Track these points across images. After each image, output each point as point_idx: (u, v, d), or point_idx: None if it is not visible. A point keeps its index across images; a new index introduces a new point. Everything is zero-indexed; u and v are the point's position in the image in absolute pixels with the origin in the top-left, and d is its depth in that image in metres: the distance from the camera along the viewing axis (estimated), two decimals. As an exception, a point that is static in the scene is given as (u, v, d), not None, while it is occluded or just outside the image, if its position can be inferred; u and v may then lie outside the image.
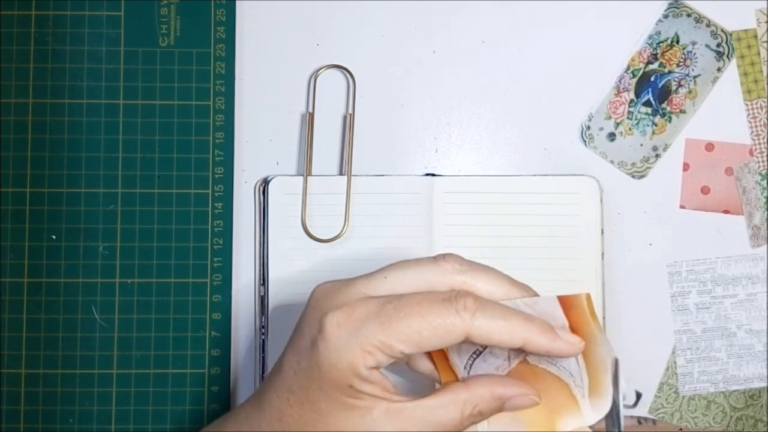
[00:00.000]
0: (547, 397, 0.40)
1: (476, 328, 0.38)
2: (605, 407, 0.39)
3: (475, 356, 0.41)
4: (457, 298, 0.39)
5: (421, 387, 0.44)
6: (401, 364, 0.43)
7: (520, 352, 0.40)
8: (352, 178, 0.52)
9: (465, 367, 0.41)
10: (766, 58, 0.53)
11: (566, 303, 0.39)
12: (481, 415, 0.40)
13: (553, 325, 0.39)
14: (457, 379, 0.41)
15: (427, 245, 0.52)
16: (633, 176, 0.53)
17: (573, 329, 0.39)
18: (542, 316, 0.39)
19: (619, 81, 0.54)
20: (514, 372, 0.41)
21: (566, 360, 0.40)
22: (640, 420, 0.50)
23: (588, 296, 0.39)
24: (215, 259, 0.52)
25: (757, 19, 0.54)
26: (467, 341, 0.39)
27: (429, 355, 0.42)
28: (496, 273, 0.41)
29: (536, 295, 0.41)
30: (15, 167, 0.52)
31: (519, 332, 0.38)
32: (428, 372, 0.43)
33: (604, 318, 0.52)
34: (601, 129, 0.53)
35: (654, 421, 0.51)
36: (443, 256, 0.41)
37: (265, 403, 0.41)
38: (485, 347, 0.41)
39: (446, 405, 0.39)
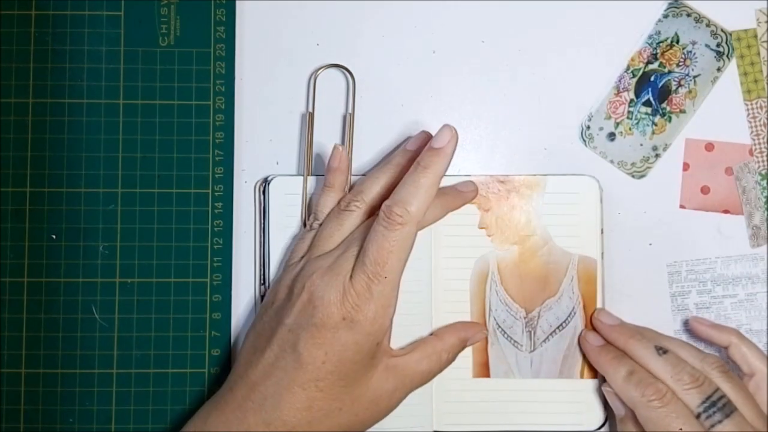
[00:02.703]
0: None
1: (423, 221, 0.48)
2: None
3: None
4: (385, 212, 0.46)
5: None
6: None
7: None
8: (352, 178, 0.52)
9: None
10: (766, 58, 0.53)
11: None
12: (453, 356, 0.49)
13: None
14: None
15: (426, 245, 0.51)
16: (633, 176, 0.53)
17: None
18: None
19: (619, 81, 0.54)
20: None
21: None
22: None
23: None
24: (215, 259, 0.52)
25: (757, 19, 0.54)
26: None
27: None
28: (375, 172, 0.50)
29: None
30: (15, 167, 0.52)
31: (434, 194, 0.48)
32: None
33: (604, 318, 0.52)
34: (601, 129, 0.53)
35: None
36: (345, 202, 0.49)
37: (286, 400, 0.45)
38: None
39: (428, 356, 0.48)
